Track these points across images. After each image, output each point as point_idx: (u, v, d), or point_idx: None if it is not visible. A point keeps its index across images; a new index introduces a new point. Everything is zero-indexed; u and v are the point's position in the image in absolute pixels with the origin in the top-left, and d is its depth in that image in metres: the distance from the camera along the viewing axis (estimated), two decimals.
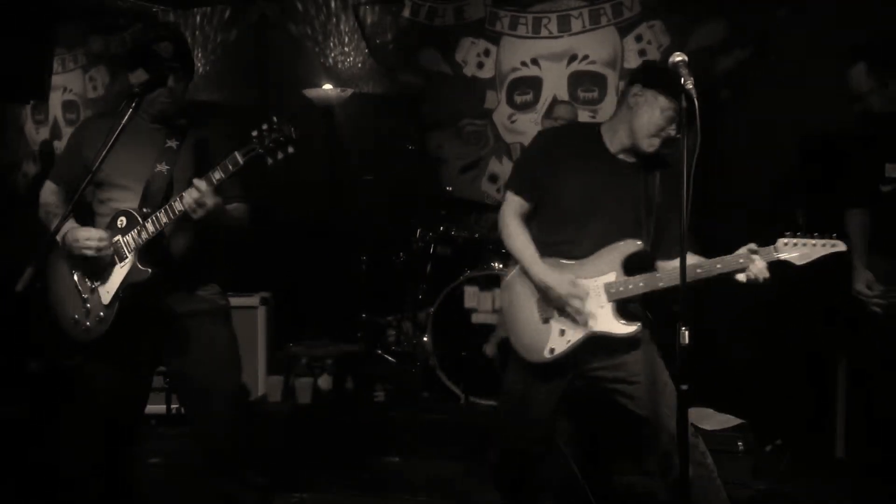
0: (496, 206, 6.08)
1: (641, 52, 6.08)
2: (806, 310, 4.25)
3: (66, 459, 3.18)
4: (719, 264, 2.60)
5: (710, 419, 4.44)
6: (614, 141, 2.80)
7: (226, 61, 7.26)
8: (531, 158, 2.94)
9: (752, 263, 2.54)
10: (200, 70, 7.23)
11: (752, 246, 2.57)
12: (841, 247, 2.54)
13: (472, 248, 5.49)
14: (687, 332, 2.27)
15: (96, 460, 2.92)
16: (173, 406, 4.64)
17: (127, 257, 2.73)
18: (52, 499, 3.63)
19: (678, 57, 2.33)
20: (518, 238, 2.84)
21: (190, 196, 2.59)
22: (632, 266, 2.73)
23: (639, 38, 6.07)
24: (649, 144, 2.71)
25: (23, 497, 3.73)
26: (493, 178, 6.56)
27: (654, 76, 2.70)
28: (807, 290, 3.53)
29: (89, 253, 2.72)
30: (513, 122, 6.49)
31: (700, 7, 5.84)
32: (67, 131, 8.15)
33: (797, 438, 4.18)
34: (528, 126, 6.42)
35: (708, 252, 2.68)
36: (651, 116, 2.68)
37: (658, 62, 2.65)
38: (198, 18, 7.33)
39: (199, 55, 7.23)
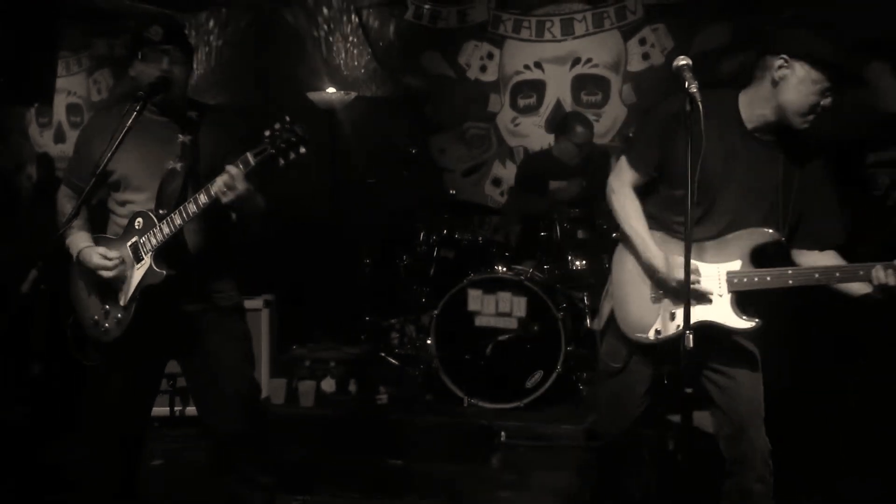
0: (499, 210, 6.15)
1: (645, 56, 6.09)
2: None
3: (78, 460, 3.18)
4: (839, 272, 2.44)
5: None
6: (753, 116, 2.53)
7: (229, 64, 7.28)
8: (654, 129, 2.65)
9: (876, 272, 2.36)
10: (204, 72, 7.25)
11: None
12: None
13: (475, 251, 5.49)
14: (691, 337, 2.25)
15: (109, 461, 2.93)
16: (176, 408, 4.65)
17: (143, 259, 2.74)
18: (56, 500, 3.63)
19: (682, 60, 2.30)
20: (628, 213, 2.66)
21: (218, 185, 2.58)
22: (761, 257, 2.52)
23: (642, 42, 6.08)
24: (803, 122, 2.46)
25: (25, 498, 3.73)
26: (497, 182, 6.56)
27: (803, 44, 2.42)
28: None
29: (106, 275, 2.74)
30: (516, 125, 6.49)
31: (704, 10, 5.84)
32: (71, 134, 8.16)
33: (802, 442, 4.16)
34: (531, 129, 6.44)
35: None
36: (802, 91, 2.41)
37: (801, 29, 2.45)
38: (202, 21, 7.35)
39: (203, 58, 7.25)
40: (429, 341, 5.08)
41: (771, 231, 2.52)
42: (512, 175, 6.17)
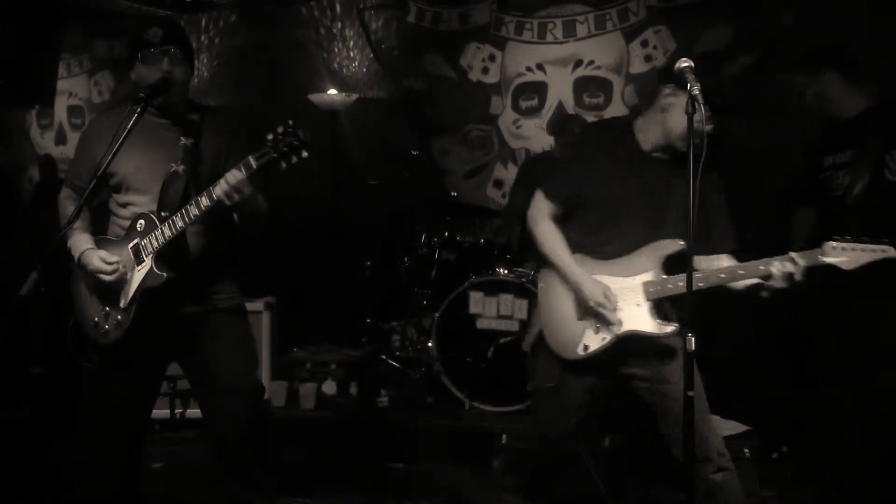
0: (501, 212, 6.14)
1: (647, 58, 6.07)
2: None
3: (79, 461, 3.18)
4: (741, 270, 2.61)
5: (716, 426, 4.42)
6: (648, 139, 2.77)
7: (231, 66, 7.28)
8: (565, 164, 2.95)
9: (775, 268, 2.52)
10: (206, 74, 7.25)
11: (793, 254, 2.54)
12: (892, 253, 2.47)
13: (477, 254, 5.48)
14: (693, 339, 2.26)
15: (109, 462, 2.92)
16: (177, 411, 4.64)
17: (144, 261, 2.73)
18: (56, 501, 3.63)
19: (684, 63, 2.36)
20: (550, 243, 2.84)
21: (222, 187, 2.59)
22: (672, 266, 2.71)
23: (644, 44, 6.07)
24: (684, 145, 2.60)
25: (25, 500, 3.73)
26: (499, 184, 6.55)
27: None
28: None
29: (105, 278, 2.73)
30: (518, 127, 6.48)
31: (706, 12, 5.83)
32: (72, 136, 8.16)
33: (804, 446, 4.15)
34: (533, 131, 6.42)
35: None
36: (685, 119, 2.52)
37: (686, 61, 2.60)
38: (203, 23, 7.35)
39: (205, 60, 7.25)
40: (430, 344, 5.08)
41: (680, 241, 2.68)
42: (514, 177, 6.17)
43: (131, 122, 2.63)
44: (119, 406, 2.89)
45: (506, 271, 5.08)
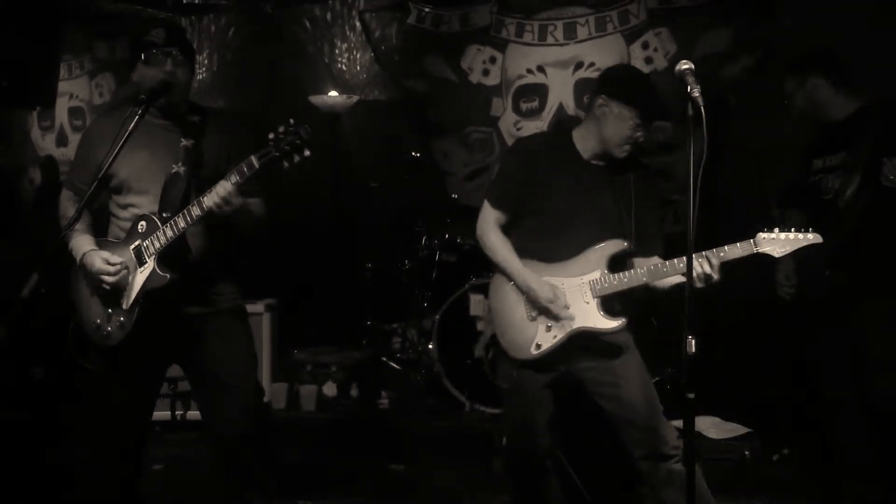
0: None
1: (648, 60, 6.07)
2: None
3: (79, 463, 3.19)
4: (665, 267, 2.74)
5: (717, 428, 4.42)
6: (586, 148, 2.89)
7: (232, 68, 7.28)
8: (509, 172, 3.01)
9: (701, 265, 2.60)
10: (206, 76, 7.25)
11: (707, 252, 2.64)
12: (818, 239, 2.63)
13: (477, 256, 5.44)
14: (693, 341, 2.26)
15: (110, 464, 2.93)
16: (177, 412, 4.64)
17: (146, 262, 2.73)
18: (57, 502, 3.63)
19: (685, 65, 2.36)
20: (499, 250, 2.94)
21: (212, 198, 2.60)
22: (616, 265, 2.83)
23: (645, 46, 6.07)
24: (620, 151, 2.83)
25: (26, 501, 3.73)
26: None
27: (616, 87, 2.82)
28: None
29: (108, 280, 2.73)
30: (518, 129, 6.48)
31: (706, 15, 5.84)
32: (73, 138, 8.16)
33: (805, 447, 4.15)
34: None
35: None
36: (618, 127, 2.78)
37: (618, 70, 2.98)
38: (204, 25, 7.36)
39: (206, 61, 7.25)
40: (430, 346, 5.08)
41: (623, 242, 2.83)
42: None
43: (132, 125, 2.64)
44: (120, 407, 2.89)
45: None
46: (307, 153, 2.54)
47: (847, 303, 3.36)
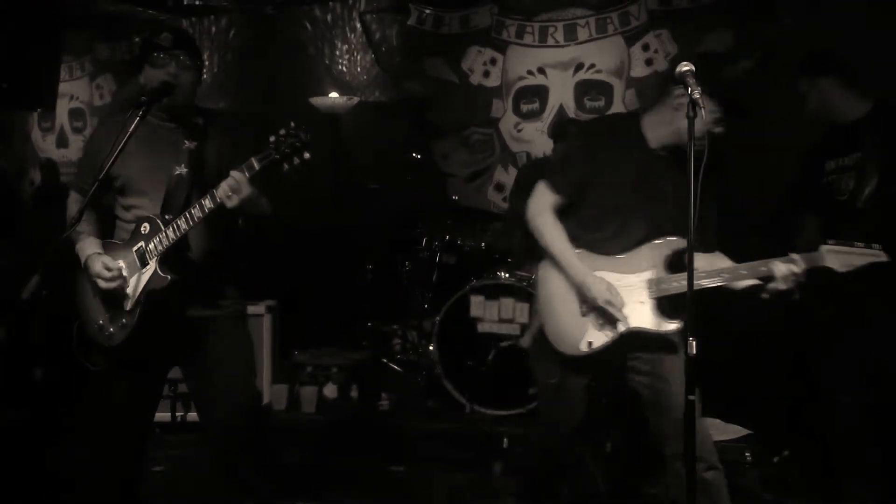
0: (502, 215, 6.14)
1: (648, 61, 6.08)
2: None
3: (80, 463, 3.19)
4: (744, 270, 2.61)
5: (717, 430, 4.42)
6: (656, 137, 2.75)
7: (232, 69, 7.29)
8: (570, 156, 2.88)
9: (777, 268, 2.53)
10: (207, 77, 7.25)
11: (794, 255, 2.56)
12: (882, 257, 2.53)
13: (478, 257, 5.48)
14: (695, 343, 2.26)
15: (111, 465, 2.93)
16: (178, 414, 4.64)
17: (149, 264, 2.74)
18: (57, 503, 3.63)
19: (685, 66, 2.35)
20: (553, 237, 2.81)
21: (223, 188, 2.60)
22: (675, 264, 2.71)
23: (646, 47, 6.07)
24: (694, 146, 2.62)
25: (27, 501, 3.73)
26: (500, 187, 6.55)
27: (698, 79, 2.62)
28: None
29: (103, 285, 2.74)
30: (519, 130, 6.49)
31: (707, 16, 5.84)
32: (74, 139, 8.17)
33: (805, 449, 4.15)
34: (534, 135, 6.43)
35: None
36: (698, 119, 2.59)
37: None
38: (204, 26, 7.36)
39: (206, 63, 7.24)
40: (431, 347, 5.08)
41: (682, 239, 2.65)
42: (514, 180, 6.17)
43: (133, 126, 2.64)
44: (123, 408, 2.90)
45: (507, 275, 5.08)
46: (307, 156, 2.54)
47: (863, 305, 3.31)
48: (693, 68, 2.33)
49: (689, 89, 2.30)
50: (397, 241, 6.00)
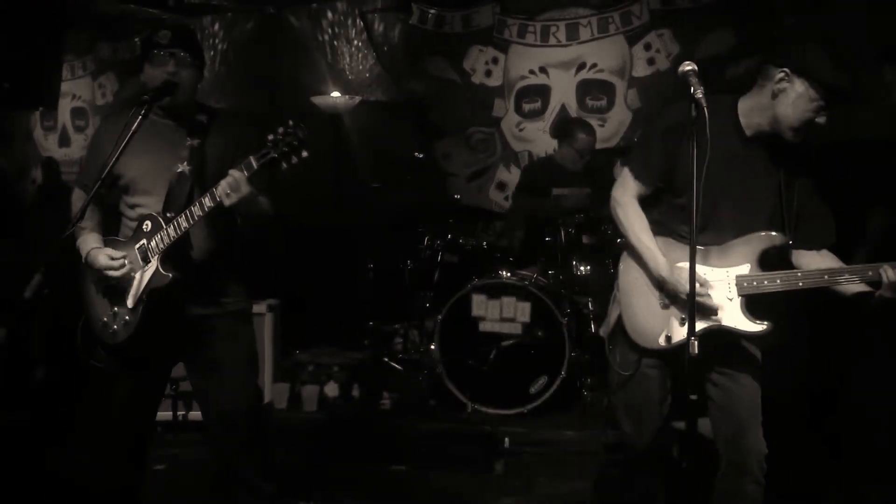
0: (503, 214, 6.14)
1: (650, 61, 6.08)
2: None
3: (80, 463, 3.19)
4: (848, 272, 2.46)
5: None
6: (752, 124, 2.58)
7: (234, 68, 7.28)
8: (655, 141, 2.69)
9: (887, 274, 2.37)
10: (209, 76, 7.25)
11: None
12: None
13: (479, 256, 5.48)
14: (696, 343, 2.25)
15: (113, 464, 2.93)
16: (179, 413, 4.64)
17: (150, 261, 2.74)
18: (57, 502, 3.63)
19: (688, 66, 2.31)
20: (635, 227, 2.68)
21: (222, 186, 2.60)
22: (768, 260, 2.56)
23: (647, 47, 6.07)
24: (794, 136, 2.51)
25: (27, 501, 3.73)
26: (501, 186, 6.56)
27: (805, 61, 2.45)
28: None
29: (113, 274, 2.75)
30: (521, 130, 6.49)
31: (709, 16, 5.83)
32: (76, 138, 8.18)
33: (807, 450, 4.14)
34: (536, 134, 6.43)
35: None
36: (798, 107, 2.46)
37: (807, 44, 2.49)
38: (206, 25, 7.36)
39: (208, 62, 7.25)
40: (432, 346, 5.08)
41: (778, 234, 2.55)
42: (516, 180, 6.17)
43: (135, 124, 2.65)
44: (124, 406, 2.90)
45: (508, 274, 5.08)
46: (305, 154, 2.54)
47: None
48: (695, 68, 2.30)
49: (692, 89, 2.25)
50: (399, 241, 6.00)
